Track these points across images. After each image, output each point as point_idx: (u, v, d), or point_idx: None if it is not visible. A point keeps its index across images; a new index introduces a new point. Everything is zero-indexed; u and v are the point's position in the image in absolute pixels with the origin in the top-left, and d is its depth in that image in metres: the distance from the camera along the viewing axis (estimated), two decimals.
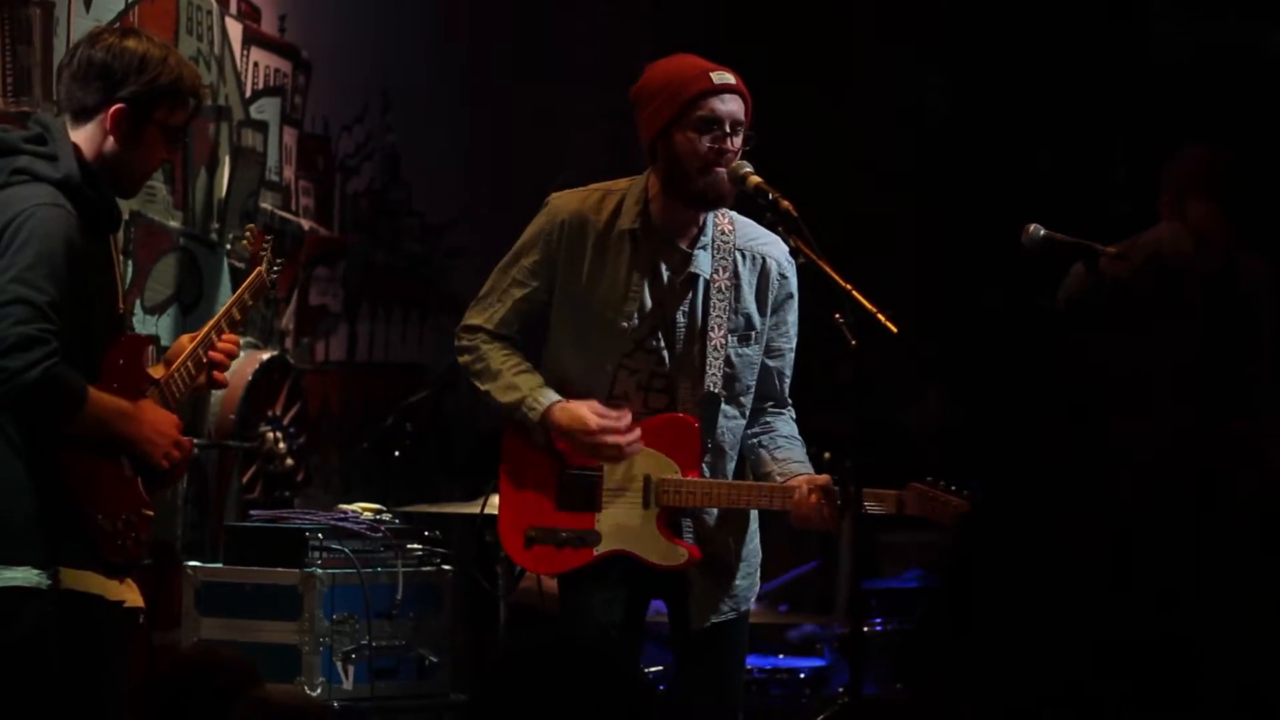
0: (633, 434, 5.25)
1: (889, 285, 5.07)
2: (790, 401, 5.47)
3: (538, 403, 5.25)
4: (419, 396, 7.74)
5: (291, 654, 5.98)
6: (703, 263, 5.29)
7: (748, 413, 5.38)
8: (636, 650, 5.58)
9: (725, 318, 5.30)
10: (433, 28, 8.60)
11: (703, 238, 5.30)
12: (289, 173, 7.80)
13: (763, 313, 5.36)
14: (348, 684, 6.02)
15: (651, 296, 5.28)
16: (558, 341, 5.34)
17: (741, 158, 5.18)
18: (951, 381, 9.51)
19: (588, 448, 5.24)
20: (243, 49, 7.49)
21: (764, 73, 5.32)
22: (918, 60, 10.00)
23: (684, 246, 5.29)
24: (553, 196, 5.38)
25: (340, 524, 6.17)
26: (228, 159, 7.36)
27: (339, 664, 6.01)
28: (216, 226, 7.29)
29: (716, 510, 5.37)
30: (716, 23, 9.00)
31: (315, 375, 7.93)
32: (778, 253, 5.34)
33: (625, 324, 5.26)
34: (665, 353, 5.29)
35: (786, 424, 5.45)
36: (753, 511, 5.42)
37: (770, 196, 5.06)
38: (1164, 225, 6.17)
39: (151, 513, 4.73)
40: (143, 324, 6.84)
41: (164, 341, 6.92)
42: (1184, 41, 9.56)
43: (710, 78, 5.19)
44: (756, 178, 5.12)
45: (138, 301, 6.84)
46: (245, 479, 7.10)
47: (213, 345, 4.88)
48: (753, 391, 5.38)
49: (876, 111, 9.82)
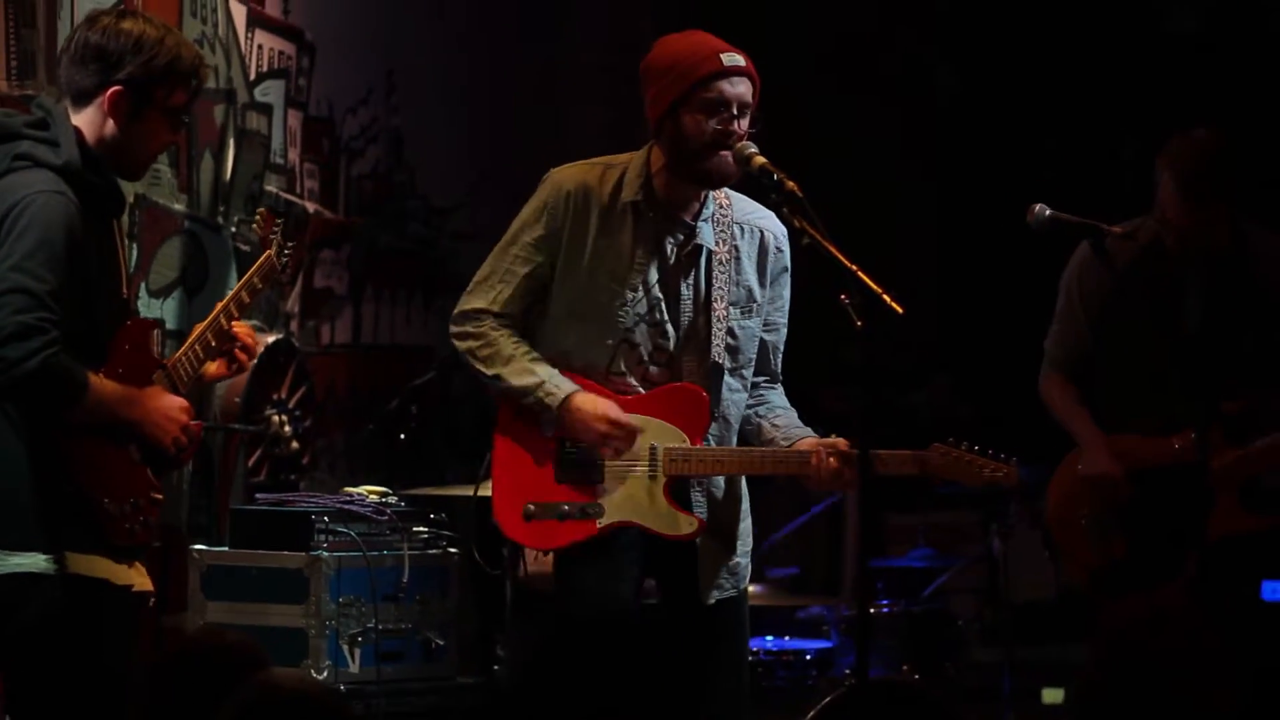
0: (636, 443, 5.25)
1: (894, 267, 5.06)
2: (781, 378, 5.47)
3: (558, 388, 5.23)
4: (424, 379, 7.73)
5: (298, 637, 5.99)
6: (707, 234, 5.28)
7: (748, 386, 5.37)
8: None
9: (727, 290, 5.29)
10: (437, 10, 8.59)
11: (704, 211, 5.29)
12: (293, 155, 7.79)
13: (762, 284, 5.35)
14: (354, 667, 6.03)
15: (656, 269, 5.27)
16: (559, 315, 5.30)
17: (747, 139, 5.16)
18: (960, 365, 9.52)
19: (599, 437, 5.22)
20: (247, 31, 7.48)
21: (766, 51, 5.30)
22: (925, 39, 10.00)
23: (687, 219, 5.29)
24: (552, 171, 5.36)
25: (346, 507, 6.18)
26: (232, 142, 7.35)
27: (345, 647, 6.02)
28: (221, 209, 7.29)
29: (724, 483, 5.36)
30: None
31: (320, 358, 7.93)
32: (774, 226, 5.34)
33: (630, 294, 5.25)
34: (669, 325, 5.28)
35: (780, 396, 5.44)
36: (745, 490, 5.40)
37: (775, 177, 5.05)
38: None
39: (160, 496, 4.72)
40: (148, 307, 6.83)
41: (169, 325, 6.93)
42: (1193, 15, 9.55)
43: (721, 59, 5.17)
44: (761, 158, 5.11)
45: (143, 285, 6.84)
46: (251, 462, 7.10)
47: (222, 329, 4.86)
48: (753, 364, 5.37)
49: (885, 90, 9.82)
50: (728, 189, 5.32)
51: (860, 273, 4.76)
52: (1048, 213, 5.78)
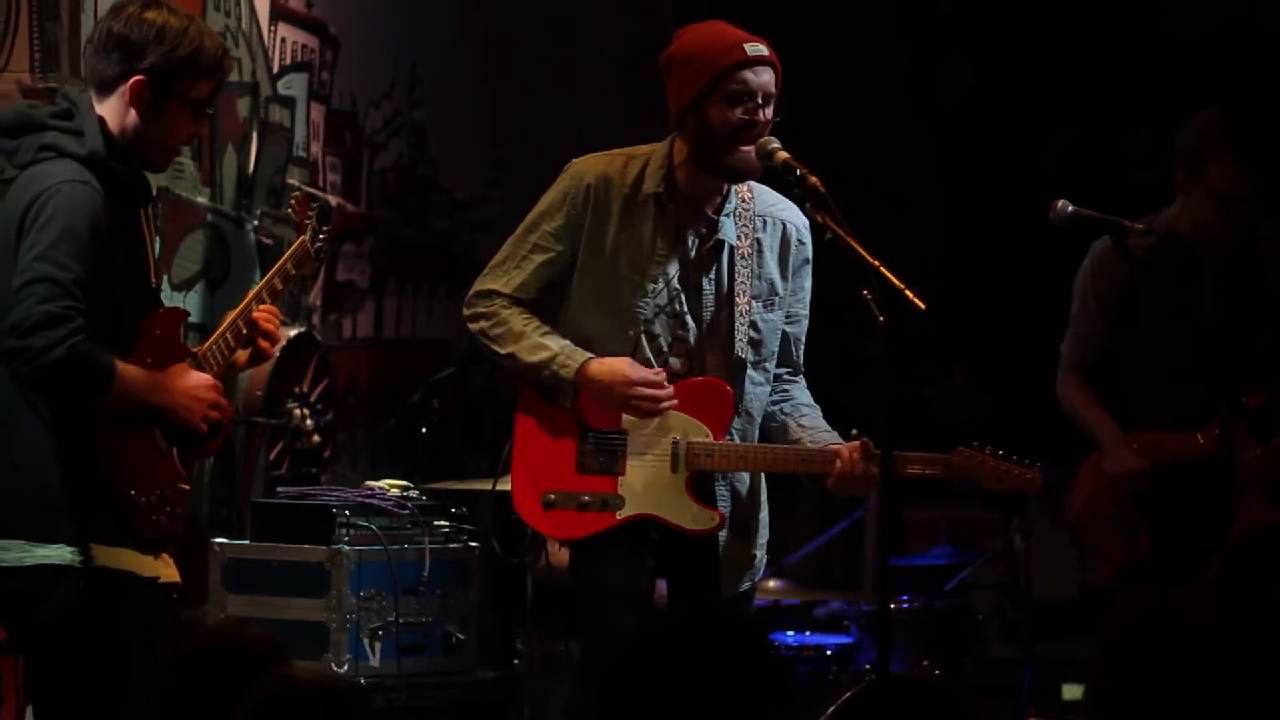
0: (668, 389, 5.22)
1: (911, 263, 5.06)
2: (803, 369, 5.46)
3: (571, 359, 5.22)
4: (446, 373, 7.74)
5: (319, 631, 5.99)
6: (729, 230, 5.27)
7: (771, 379, 5.36)
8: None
9: (750, 283, 5.28)
10: (459, 4, 8.59)
11: (727, 205, 5.29)
12: (316, 148, 7.80)
13: (784, 277, 5.35)
14: (375, 661, 6.02)
15: (677, 262, 5.26)
16: (580, 305, 5.30)
17: (772, 129, 5.16)
18: (977, 360, 9.50)
19: (621, 400, 5.20)
20: (270, 24, 7.48)
21: (783, 45, 5.29)
22: (938, 36, 9.99)
23: (709, 213, 5.28)
24: (574, 161, 5.36)
25: (367, 500, 6.17)
26: (255, 135, 7.36)
27: (366, 641, 6.01)
28: (244, 203, 7.29)
29: (747, 477, 5.34)
30: None
31: (342, 352, 7.93)
32: (796, 218, 5.33)
33: (650, 287, 5.24)
34: (689, 318, 5.28)
35: (803, 391, 5.44)
36: (764, 482, 5.39)
37: (798, 172, 5.05)
38: (1180, 202, 6.14)
39: (187, 486, 4.73)
40: (170, 300, 6.82)
41: (191, 319, 6.93)
42: (1203, 13, 9.52)
43: (744, 49, 5.16)
44: (784, 153, 5.11)
45: (165, 277, 6.84)
46: (272, 455, 7.10)
47: (253, 316, 4.86)
48: (775, 357, 5.36)
49: (897, 87, 9.80)
50: (749, 181, 5.31)
51: (883, 268, 4.76)
52: (1070, 209, 5.78)
